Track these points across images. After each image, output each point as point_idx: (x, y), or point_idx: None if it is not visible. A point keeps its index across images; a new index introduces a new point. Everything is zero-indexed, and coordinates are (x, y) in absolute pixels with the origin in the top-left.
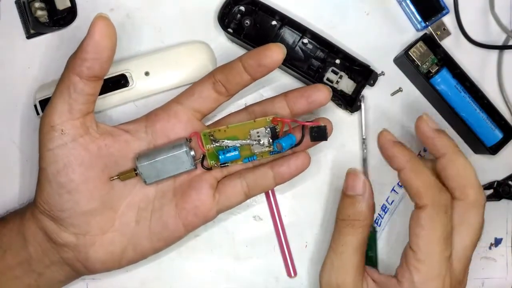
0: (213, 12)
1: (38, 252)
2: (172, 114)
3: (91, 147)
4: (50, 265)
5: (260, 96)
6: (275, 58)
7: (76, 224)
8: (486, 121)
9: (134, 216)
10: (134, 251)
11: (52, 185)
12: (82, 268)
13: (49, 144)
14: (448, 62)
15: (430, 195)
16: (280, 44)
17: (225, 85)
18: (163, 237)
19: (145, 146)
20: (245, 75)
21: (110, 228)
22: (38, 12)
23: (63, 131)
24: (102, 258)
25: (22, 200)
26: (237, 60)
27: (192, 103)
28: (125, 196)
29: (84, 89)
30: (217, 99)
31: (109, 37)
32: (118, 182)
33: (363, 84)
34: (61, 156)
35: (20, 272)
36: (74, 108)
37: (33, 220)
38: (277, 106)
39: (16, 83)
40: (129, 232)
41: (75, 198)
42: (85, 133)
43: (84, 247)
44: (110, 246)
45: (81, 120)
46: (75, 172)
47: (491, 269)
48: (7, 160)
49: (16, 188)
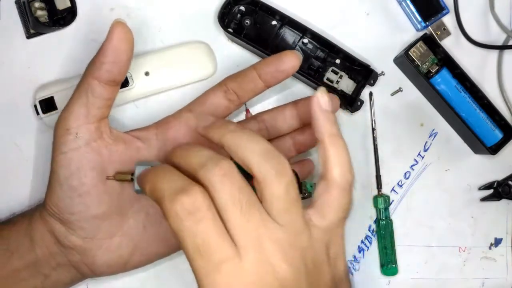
0: (213, 12)
1: (45, 254)
2: (183, 122)
3: (103, 152)
4: (57, 267)
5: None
6: (294, 64)
7: (85, 227)
8: (486, 121)
9: (142, 221)
10: (141, 256)
11: (63, 188)
12: (87, 271)
13: (63, 147)
14: (448, 62)
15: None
16: (296, 51)
17: (237, 93)
18: (170, 243)
19: (155, 153)
20: (259, 82)
21: (118, 232)
22: (38, 12)
23: (77, 134)
24: (109, 262)
25: (22, 200)
26: (251, 68)
27: (203, 111)
28: (134, 201)
29: (103, 93)
30: (228, 107)
31: (127, 41)
32: (129, 187)
33: (363, 84)
34: (74, 159)
35: (27, 275)
36: (91, 112)
37: (41, 222)
38: (287, 114)
39: (16, 83)
40: (137, 237)
41: (86, 201)
42: (98, 137)
43: (91, 251)
44: (117, 250)
45: (96, 125)
46: (87, 176)
47: (491, 269)
48: (6, 160)
49: (16, 188)
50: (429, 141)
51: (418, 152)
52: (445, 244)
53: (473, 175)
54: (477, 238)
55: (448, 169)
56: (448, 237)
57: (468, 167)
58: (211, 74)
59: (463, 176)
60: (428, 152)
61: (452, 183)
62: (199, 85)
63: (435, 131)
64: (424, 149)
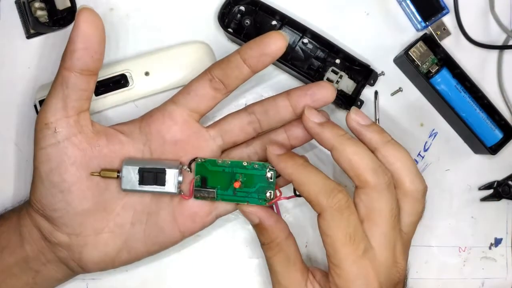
0: (213, 12)
1: (34, 250)
2: (167, 115)
3: (84, 146)
4: (46, 263)
5: (259, 96)
6: (279, 45)
7: (69, 224)
8: (486, 121)
9: (130, 218)
10: (128, 253)
11: (45, 184)
12: (76, 267)
13: (42, 142)
14: (448, 62)
15: (322, 200)
16: (281, 31)
17: (223, 81)
18: (158, 241)
19: (140, 147)
20: (244, 68)
21: (104, 229)
22: (38, 12)
23: (56, 129)
24: (96, 259)
25: (21, 200)
26: (235, 53)
27: (188, 103)
28: (121, 198)
29: (76, 83)
30: (215, 97)
31: (96, 26)
32: (115, 183)
33: (363, 84)
34: (54, 155)
35: (18, 270)
36: (67, 105)
37: (28, 218)
38: (280, 105)
39: (16, 83)
40: (124, 234)
41: (67, 198)
42: (79, 132)
43: (77, 247)
44: (104, 247)
45: (75, 118)
46: (68, 172)
47: (491, 269)
48: (6, 160)
49: (16, 188)
50: (429, 141)
51: (418, 152)
52: (445, 244)
53: (473, 175)
54: (477, 238)
55: (448, 169)
56: (448, 237)
57: (468, 167)
58: None
59: (463, 176)
60: (428, 152)
61: (452, 183)
62: None
63: (435, 131)
64: (424, 149)
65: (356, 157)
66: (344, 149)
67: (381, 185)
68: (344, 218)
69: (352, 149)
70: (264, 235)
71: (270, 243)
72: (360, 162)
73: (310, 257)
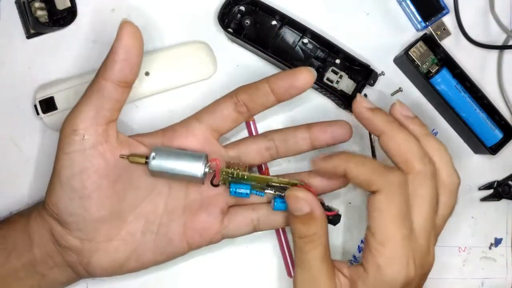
0: (213, 12)
1: (43, 254)
2: (190, 131)
3: (108, 156)
4: (54, 266)
5: None
6: (308, 80)
7: (83, 229)
8: (486, 121)
9: (141, 227)
10: (136, 262)
11: (64, 188)
12: (83, 272)
13: (68, 147)
14: (448, 62)
15: (379, 179)
16: (310, 68)
17: (248, 105)
18: (166, 251)
19: None
20: (271, 96)
21: (116, 237)
22: (38, 12)
23: (84, 136)
24: (104, 265)
25: (21, 200)
26: (264, 81)
27: (211, 122)
28: (135, 207)
29: (112, 94)
30: (237, 119)
31: (137, 39)
32: (130, 192)
33: (363, 84)
34: (78, 161)
35: (24, 274)
36: (99, 114)
37: (40, 221)
38: (299, 137)
39: (16, 83)
40: (134, 243)
41: (86, 204)
42: (105, 141)
43: (88, 252)
44: (114, 254)
45: (104, 127)
46: (90, 179)
47: (491, 269)
48: (6, 160)
49: (16, 188)
50: None
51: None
52: (445, 244)
53: (473, 175)
54: (477, 238)
55: None
56: (448, 237)
57: (468, 167)
58: (211, 74)
59: (463, 176)
60: None
61: None
62: (199, 85)
63: (435, 131)
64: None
65: (406, 143)
66: (394, 135)
67: (427, 172)
68: (402, 195)
69: (402, 135)
70: (311, 225)
71: (312, 235)
72: (409, 148)
73: None
